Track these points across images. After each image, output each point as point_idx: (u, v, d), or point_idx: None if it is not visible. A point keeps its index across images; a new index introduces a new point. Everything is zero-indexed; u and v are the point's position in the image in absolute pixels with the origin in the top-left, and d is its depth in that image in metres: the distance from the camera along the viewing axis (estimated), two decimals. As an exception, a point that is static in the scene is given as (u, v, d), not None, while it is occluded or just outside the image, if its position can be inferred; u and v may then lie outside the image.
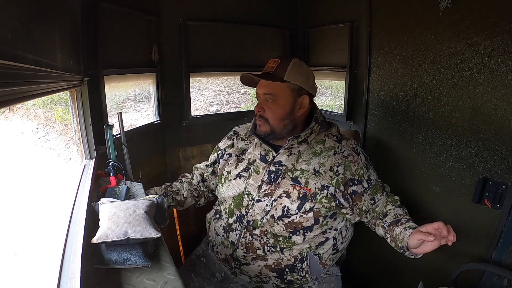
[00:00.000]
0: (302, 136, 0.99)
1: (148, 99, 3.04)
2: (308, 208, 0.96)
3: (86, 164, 1.13)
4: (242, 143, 1.11)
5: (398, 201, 1.04)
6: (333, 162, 0.98)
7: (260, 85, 1.01)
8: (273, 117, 0.99)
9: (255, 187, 1.00)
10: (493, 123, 1.03)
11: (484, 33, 1.01)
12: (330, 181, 0.96)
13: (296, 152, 1.00)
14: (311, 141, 1.01)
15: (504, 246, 1.01)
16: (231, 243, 1.03)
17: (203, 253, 1.15)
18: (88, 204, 0.86)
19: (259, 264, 1.00)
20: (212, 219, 1.14)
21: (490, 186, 1.03)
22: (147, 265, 0.75)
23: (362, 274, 1.59)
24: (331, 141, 1.03)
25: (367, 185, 1.01)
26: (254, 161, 1.04)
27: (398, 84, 1.33)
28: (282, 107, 0.98)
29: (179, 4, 1.51)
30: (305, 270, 1.01)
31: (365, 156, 1.05)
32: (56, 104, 4.27)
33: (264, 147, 1.02)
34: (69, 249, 0.72)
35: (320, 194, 0.96)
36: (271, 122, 0.99)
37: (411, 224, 0.93)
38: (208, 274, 1.09)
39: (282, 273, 1.01)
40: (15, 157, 3.69)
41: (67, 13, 0.93)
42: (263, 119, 1.00)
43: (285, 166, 0.99)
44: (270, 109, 0.99)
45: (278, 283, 1.02)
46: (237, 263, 1.03)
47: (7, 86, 0.48)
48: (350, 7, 1.52)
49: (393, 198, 1.04)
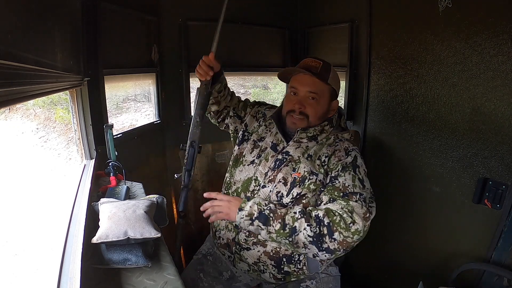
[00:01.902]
0: (310, 131, 1.03)
1: (148, 99, 3.04)
2: (295, 194, 0.96)
3: (86, 164, 1.13)
4: (264, 129, 1.14)
5: (318, 211, 0.89)
6: (323, 151, 1.01)
7: (305, 82, 1.03)
8: (314, 114, 1.02)
9: (262, 173, 1.03)
10: (493, 123, 1.03)
11: (484, 33, 1.01)
12: (318, 169, 0.98)
13: (304, 147, 1.03)
14: (321, 140, 1.04)
15: (504, 246, 1.01)
16: (235, 226, 1.03)
17: (209, 251, 1.16)
18: (88, 204, 0.86)
19: (259, 249, 1.01)
20: None
21: (490, 186, 1.03)
22: (147, 265, 0.75)
23: (361, 274, 1.59)
24: (334, 137, 1.05)
25: (329, 180, 0.94)
26: (265, 148, 1.07)
27: (398, 84, 1.33)
28: (322, 107, 1.03)
29: (179, 4, 1.51)
30: (302, 262, 1.01)
31: (356, 162, 0.96)
32: (56, 104, 4.27)
33: (278, 136, 1.06)
34: (69, 249, 0.72)
35: (308, 179, 0.96)
36: (311, 119, 1.03)
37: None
38: (216, 273, 1.10)
39: (279, 262, 1.01)
40: (15, 157, 3.69)
41: (67, 13, 0.93)
42: (303, 115, 1.03)
43: (291, 156, 1.02)
44: (313, 107, 1.02)
45: (275, 273, 1.02)
46: (238, 248, 1.03)
47: (7, 86, 0.48)
48: (350, 7, 1.52)
49: (329, 211, 0.88)
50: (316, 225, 0.85)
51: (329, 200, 0.91)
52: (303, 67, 1.02)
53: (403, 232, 1.37)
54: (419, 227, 1.31)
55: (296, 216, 0.87)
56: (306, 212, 0.88)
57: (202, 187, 1.77)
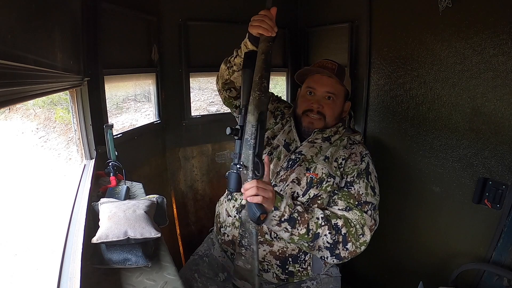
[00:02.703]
0: (327, 132, 1.05)
1: (148, 99, 3.04)
2: (312, 195, 0.96)
3: (86, 164, 1.13)
4: (279, 127, 1.14)
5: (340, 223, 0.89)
6: (339, 154, 1.02)
7: (323, 82, 1.05)
8: (331, 114, 1.05)
9: (274, 172, 1.03)
10: (493, 123, 1.03)
11: (484, 33, 1.01)
12: (335, 171, 0.99)
13: (318, 147, 1.04)
14: (334, 141, 1.06)
15: (504, 246, 1.01)
16: (241, 224, 1.03)
17: (205, 252, 1.15)
18: (88, 204, 0.86)
19: (265, 249, 1.00)
20: (224, 201, 1.14)
21: (490, 186, 1.03)
22: (147, 265, 0.75)
23: (361, 275, 1.59)
24: (348, 139, 1.08)
25: (344, 184, 0.97)
26: (277, 146, 1.07)
27: (398, 84, 1.33)
28: (338, 107, 1.07)
29: (179, 4, 1.51)
30: (307, 262, 1.01)
31: (369, 169, 0.99)
32: (56, 104, 4.26)
33: (291, 135, 1.07)
34: (69, 249, 0.72)
35: (326, 181, 0.97)
36: (327, 119, 1.05)
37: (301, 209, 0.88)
38: (211, 274, 1.09)
39: (285, 262, 1.01)
40: (15, 157, 3.69)
41: (67, 13, 0.93)
42: (320, 115, 1.05)
43: (304, 156, 1.03)
44: (330, 107, 1.05)
45: (279, 273, 1.02)
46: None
47: (7, 86, 0.48)
48: (350, 7, 1.52)
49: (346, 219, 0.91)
50: (335, 233, 0.88)
51: (346, 208, 0.93)
52: (321, 66, 1.04)
53: (403, 232, 1.37)
54: (419, 227, 1.31)
55: (320, 222, 0.88)
56: (328, 220, 0.89)
57: (202, 187, 1.77)
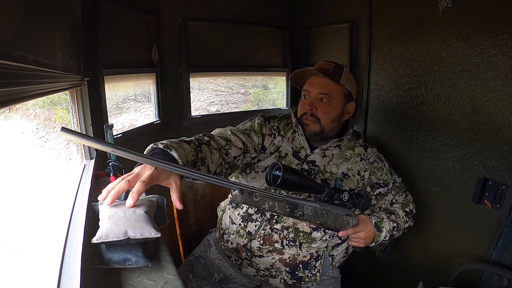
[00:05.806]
0: (344, 139, 1.03)
1: (148, 99, 3.04)
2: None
3: (86, 164, 1.12)
4: (280, 139, 1.05)
5: (410, 208, 1.07)
6: (360, 167, 1.02)
7: (315, 83, 1.00)
8: (326, 117, 1.00)
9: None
10: (493, 123, 1.03)
11: (484, 33, 1.01)
12: (357, 184, 1.00)
13: (330, 155, 1.02)
14: (343, 146, 1.05)
15: (504, 246, 1.01)
16: (247, 233, 1.00)
17: (201, 254, 1.15)
18: (88, 204, 0.86)
19: (274, 257, 0.99)
20: (228, 208, 1.11)
21: (490, 186, 1.03)
22: (147, 265, 0.74)
23: (362, 275, 1.59)
24: (358, 148, 1.07)
25: (392, 185, 1.07)
26: (286, 155, 1.02)
27: (398, 84, 1.33)
28: (335, 109, 1.00)
29: (179, 4, 1.51)
30: (317, 268, 1.01)
31: (388, 163, 1.09)
32: (56, 104, 4.26)
33: (297, 143, 1.03)
34: (69, 249, 0.72)
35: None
36: (322, 122, 1.00)
37: (382, 215, 1.00)
38: (206, 275, 1.08)
39: (295, 268, 1.00)
40: (15, 157, 3.68)
41: (67, 13, 0.93)
42: (314, 118, 0.99)
43: (318, 167, 1.00)
44: (324, 109, 0.99)
45: (287, 279, 1.01)
46: (249, 254, 1.01)
47: (7, 86, 0.48)
48: (350, 7, 1.52)
49: (408, 202, 1.08)
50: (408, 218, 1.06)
51: (394, 199, 1.08)
52: (317, 69, 1.01)
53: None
54: (419, 227, 1.31)
55: (405, 219, 1.04)
56: (407, 212, 1.06)
57: (202, 187, 1.77)
